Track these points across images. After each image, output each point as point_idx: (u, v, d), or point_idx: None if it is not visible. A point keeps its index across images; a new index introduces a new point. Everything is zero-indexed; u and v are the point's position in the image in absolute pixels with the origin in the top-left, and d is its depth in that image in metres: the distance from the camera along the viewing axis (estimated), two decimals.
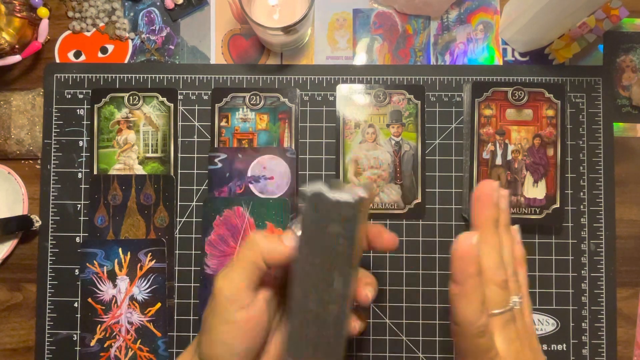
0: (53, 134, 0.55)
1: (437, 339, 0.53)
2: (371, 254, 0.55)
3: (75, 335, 0.54)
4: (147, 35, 0.57)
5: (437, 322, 0.54)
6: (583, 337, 0.53)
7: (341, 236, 0.32)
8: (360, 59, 0.57)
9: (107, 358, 0.53)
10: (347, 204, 0.31)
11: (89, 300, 0.53)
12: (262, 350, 0.35)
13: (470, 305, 0.31)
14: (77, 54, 0.57)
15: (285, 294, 0.35)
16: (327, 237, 0.32)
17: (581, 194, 0.54)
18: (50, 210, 0.55)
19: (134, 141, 0.55)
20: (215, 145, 0.55)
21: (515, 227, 0.39)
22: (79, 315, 0.53)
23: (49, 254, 0.54)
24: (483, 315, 0.31)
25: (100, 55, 0.57)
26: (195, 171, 0.55)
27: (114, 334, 0.53)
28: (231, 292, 0.33)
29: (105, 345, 0.53)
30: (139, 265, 0.53)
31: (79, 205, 0.55)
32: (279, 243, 0.34)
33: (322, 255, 0.32)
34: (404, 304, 0.54)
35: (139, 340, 0.53)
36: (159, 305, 0.53)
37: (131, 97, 0.55)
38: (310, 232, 0.32)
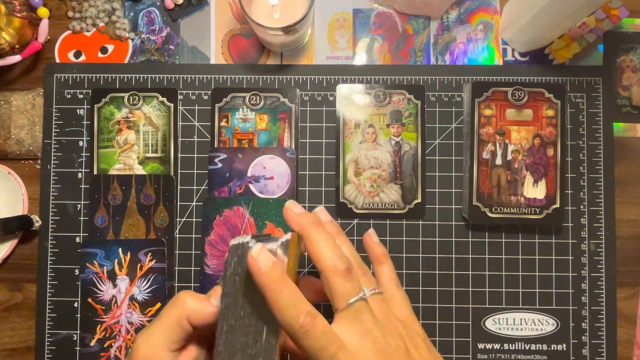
0: (53, 134, 0.55)
1: (437, 339, 0.53)
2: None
3: (75, 335, 0.54)
4: (147, 35, 0.57)
5: (437, 322, 0.54)
6: (583, 337, 0.53)
7: None
8: (360, 59, 0.57)
9: (107, 358, 0.53)
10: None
11: (89, 300, 0.53)
12: None
13: (287, 311, 0.30)
14: (77, 54, 0.57)
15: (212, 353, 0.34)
16: (251, 289, 0.31)
17: (581, 194, 0.54)
18: (50, 210, 0.55)
19: (134, 141, 0.55)
20: (215, 145, 0.55)
21: (337, 223, 0.40)
22: (79, 315, 0.53)
23: (49, 254, 0.54)
24: (300, 317, 0.30)
25: (100, 55, 0.57)
26: (195, 171, 0.55)
27: (114, 334, 0.53)
28: (147, 353, 0.31)
29: (105, 345, 0.53)
30: (139, 265, 0.53)
31: (79, 205, 0.55)
32: (206, 303, 0.32)
33: (248, 308, 0.31)
34: None
35: None
36: (159, 305, 0.53)
37: (131, 97, 0.55)
38: (234, 285, 0.31)
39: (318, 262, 0.32)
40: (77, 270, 0.54)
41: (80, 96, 0.56)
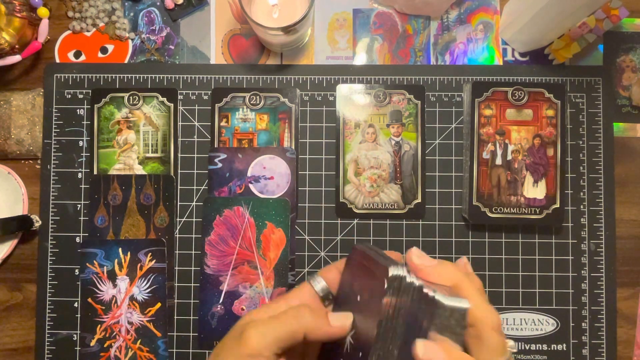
0: (53, 134, 0.55)
1: None
2: None
3: (75, 335, 0.54)
4: (147, 35, 0.57)
5: None
6: (583, 337, 0.53)
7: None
8: (360, 59, 0.57)
9: (107, 358, 0.53)
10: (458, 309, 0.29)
11: (89, 300, 0.53)
12: None
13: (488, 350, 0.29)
14: (77, 54, 0.57)
15: None
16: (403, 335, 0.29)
17: (581, 194, 0.54)
18: (50, 210, 0.55)
19: (134, 141, 0.55)
20: (215, 145, 0.55)
21: (464, 259, 0.36)
22: (79, 315, 0.53)
23: (49, 254, 0.54)
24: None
25: (100, 55, 0.57)
26: (195, 171, 0.55)
27: (114, 334, 0.53)
28: (259, 347, 0.31)
29: (105, 345, 0.53)
30: (139, 265, 0.53)
31: (79, 205, 0.55)
32: (326, 323, 0.32)
33: (396, 349, 0.29)
34: None
35: (139, 340, 0.53)
36: (159, 305, 0.53)
37: (131, 97, 0.55)
38: (390, 327, 0.29)
39: (475, 315, 0.30)
40: (77, 270, 0.54)
41: (80, 96, 0.56)
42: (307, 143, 0.55)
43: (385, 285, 0.28)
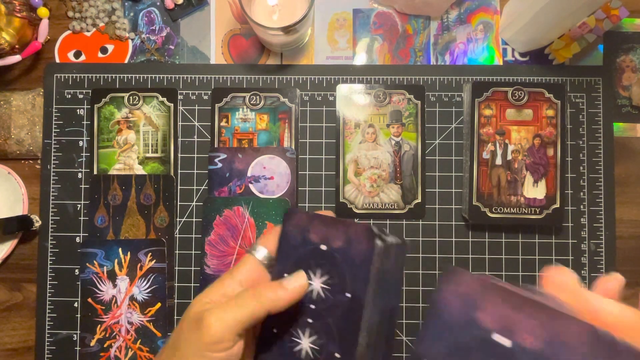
0: (53, 134, 0.55)
1: None
2: None
3: (75, 335, 0.54)
4: (147, 35, 0.57)
5: None
6: None
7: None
8: (360, 59, 0.57)
9: (107, 358, 0.53)
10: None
11: (89, 300, 0.53)
12: None
13: None
14: (77, 54, 0.57)
15: (253, 334, 0.35)
16: (385, 278, 0.32)
17: (581, 194, 0.54)
18: (50, 210, 0.55)
19: (134, 141, 0.55)
20: (215, 145, 0.55)
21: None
22: (79, 315, 0.53)
23: (49, 254, 0.54)
24: None
25: (100, 55, 0.57)
26: (195, 171, 0.55)
27: (114, 334, 0.53)
28: (221, 334, 0.31)
29: (105, 345, 0.53)
30: (139, 265, 0.53)
31: (79, 205, 0.55)
32: (283, 291, 0.32)
33: (382, 297, 0.32)
34: (404, 304, 0.54)
35: (139, 340, 0.53)
36: (159, 305, 0.53)
37: (131, 97, 0.55)
38: (377, 280, 0.31)
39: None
40: (77, 270, 0.54)
41: (80, 96, 0.56)
42: (307, 143, 0.55)
43: (374, 245, 0.31)
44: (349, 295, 0.31)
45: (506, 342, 0.22)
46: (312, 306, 0.33)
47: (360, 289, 0.31)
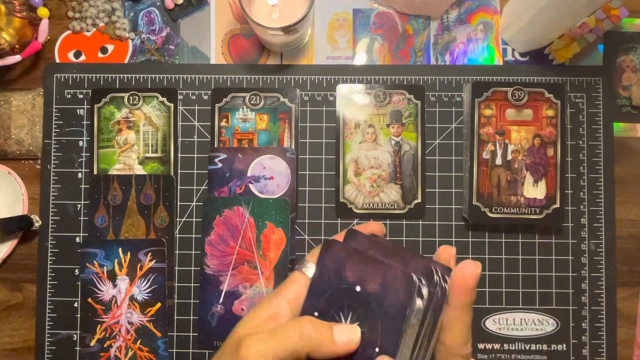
0: (53, 134, 0.55)
1: None
2: None
3: (75, 335, 0.54)
4: (147, 35, 0.57)
5: None
6: (583, 337, 0.53)
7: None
8: (360, 59, 0.57)
9: (107, 358, 0.53)
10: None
11: (89, 300, 0.53)
12: None
13: (462, 330, 0.30)
14: (77, 54, 0.57)
15: None
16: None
17: (581, 194, 0.54)
18: (50, 210, 0.55)
19: (134, 141, 0.55)
20: (215, 145, 0.55)
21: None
22: (79, 315, 0.53)
23: (49, 254, 0.54)
24: (469, 344, 0.30)
25: (100, 55, 0.57)
26: (195, 171, 0.55)
27: (114, 334, 0.53)
28: None
29: (105, 345, 0.53)
30: (139, 265, 0.53)
31: (79, 205, 0.55)
32: (331, 341, 0.30)
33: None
34: None
35: (139, 340, 0.53)
36: (159, 305, 0.53)
37: (131, 97, 0.55)
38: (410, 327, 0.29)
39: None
40: (77, 270, 0.54)
41: (80, 96, 0.56)
42: (307, 143, 0.55)
43: (412, 297, 0.28)
44: (377, 350, 0.29)
45: (358, 288, 0.30)
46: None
47: (391, 347, 0.28)
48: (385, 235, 0.36)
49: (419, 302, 0.29)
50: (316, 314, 0.31)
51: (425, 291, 0.29)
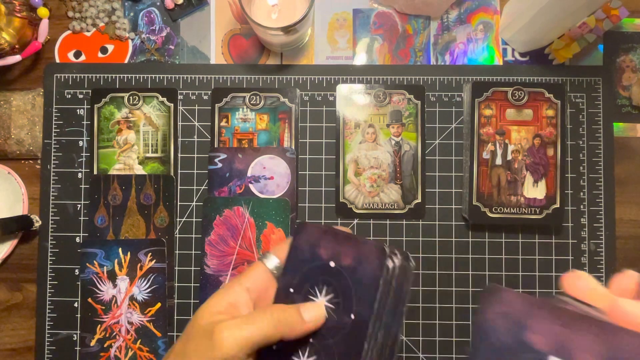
0: (53, 134, 0.55)
1: (437, 339, 0.53)
2: None
3: (75, 335, 0.54)
4: (147, 35, 0.57)
5: (437, 322, 0.54)
6: None
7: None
8: (360, 59, 0.57)
9: (107, 358, 0.53)
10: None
11: (89, 300, 0.53)
12: None
13: None
14: (77, 54, 0.57)
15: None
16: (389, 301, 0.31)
17: (581, 194, 0.54)
18: (50, 210, 0.55)
19: (134, 141, 0.55)
20: (215, 145, 0.55)
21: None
22: (79, 315, 0.53)
23: (49, 254, 0.54)
24: None
25: (100, 55, 0.57)
26: (195, 171, 0.55)
27: (114, 334, 0.53)
28: (233, 351, 0.30)
29: (105, 345, 0.53)
30: (139, 265, 0.53)
31: (79, 205, 0.55)
32: (301, 321, 0.31)
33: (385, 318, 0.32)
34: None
35: (139, 340, 0.53)
36: (159, 305, 0.53)
37: (131, 97, 0.55)
38: (382, 303, 0.31)
39: None
40: (77, 270, 0.54)
41: (80, 96, 0.56)
42: (307, 143, 0.55)
43: (383, 266, 0.30)
44: (353, 316, 0.31)
45: (332, 264, 0.27)
46: None
47: (365, 312, 0.30)
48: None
49: (389, 264, 0.30)
50: (291, 290, 0.33)
51: (396, 259, 0.31)
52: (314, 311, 0.32)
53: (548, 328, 0.20)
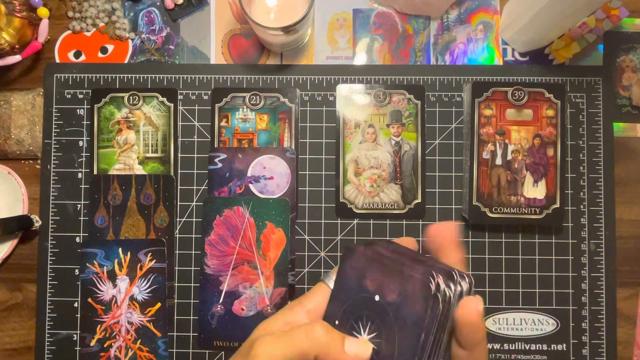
0: (53, 134, 0.55)
1: None
2: None
3: (75, 335, 0.54)
4: (147, 35, 0.57)
5: None
6: (583, 337, 0.53)
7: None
8: (360, 59, 0.57)
9: (107, 358, 0.53)
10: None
11: (89, 300, 0.53)
12: None
13: None
14: (77, 54, 0.57)
15: None
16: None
17: (581, 194, 0.54)
18: (50, 210, 0.55)
19: (134, 141, 0.55)
20: (215, 145, 0.55)
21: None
22: (79, 315, 0.53)
23: (49, 254, 0.54)
24: None
25: (100, 55, 0.57)
26: (195, 171, 0.55)
27: (114, 334, 0.53)
28: None
29: (105, 345, 0.53)
30: (139, 265, 0.53)
31: (79, 205, 0.55)
32: (341, 349, 0.30)
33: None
34: None
35: (139, 340, 0.53)
36: (159, 305, 0.53)
37: (131, 97, 0.55)
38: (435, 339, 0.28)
39: None
40: (77, 270, 0.54)
41: (80, 96, 0.56)
42: (307, 143, 0.55)
43: (428, 303, 0.27)
44: (395, 357, 0.28)
45: (377, 298, 0.29)
46: None
47: (408, 355, 0.27)
48: (417, 250, 0.36)
49: (438, 307, 0.27)
50: (337, 322, 0.31)
51: (448, 290, 0.28)
52: (359, 347, 0.30)
53: (374, 275, 0.30)
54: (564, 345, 0.53)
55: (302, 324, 0.31)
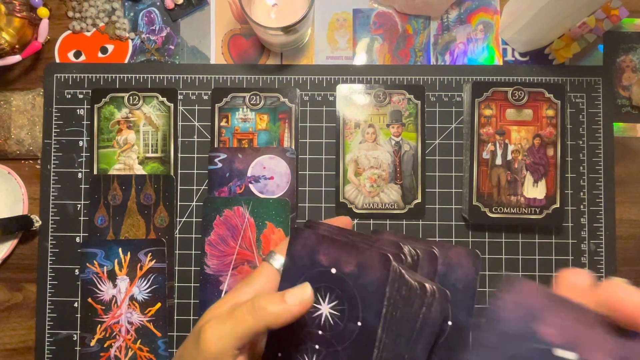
0: (53, 134, 0.55)
1: None
2: None
3: (75, 335, 0.54)
4: (147, 35, 0.57)
5: None
6: None
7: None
8: (360, 59, 0.57)
9: (107, 358, 0.53)
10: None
11: (89, 300, 0.53)
12: None
13: None
14: (77, 54, 0.57)
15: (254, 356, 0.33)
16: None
17: (581, 194, 0.54)
18: (50, 210, 0.55)
19: (134, 141, 0.55)
20: (215, 145, 0.55)
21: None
22: (79, 315, 0.53)
23: (49, 254, 0.54)
24: None
25: (100, 55, 0.57)
26: (195, 171, 0.55)
27: (114, 334, 0.53)
28: (219, 350, 0.29)
29: (105, 345, 0.53)
30: (139, 265, 0.53)
31: (79, 205, 0.55)
32: (286, 308, 0.30)
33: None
34: None
35: (139, 340, 0.53)
36: (159, 305, 0.53)
37: (131, 97, 0.55)
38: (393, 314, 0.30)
39: None
40: (77, 270, 0.54)
41: (80, 96, 0.56)
42: (307, 143, 0.55)
43: (389, 273, 0.29)
44: (360, 323, 0.29)
45: (571, 356, 0.20)
46: (320, 332, 0.31)
47: (373, 319, 0.29)
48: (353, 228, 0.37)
49: (396, 270, 0.29)
50: None
51: (400, 254, 0.30)
52: (299, 294, 0.30)
53: (560, 321, 0.20)
54: None
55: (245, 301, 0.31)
